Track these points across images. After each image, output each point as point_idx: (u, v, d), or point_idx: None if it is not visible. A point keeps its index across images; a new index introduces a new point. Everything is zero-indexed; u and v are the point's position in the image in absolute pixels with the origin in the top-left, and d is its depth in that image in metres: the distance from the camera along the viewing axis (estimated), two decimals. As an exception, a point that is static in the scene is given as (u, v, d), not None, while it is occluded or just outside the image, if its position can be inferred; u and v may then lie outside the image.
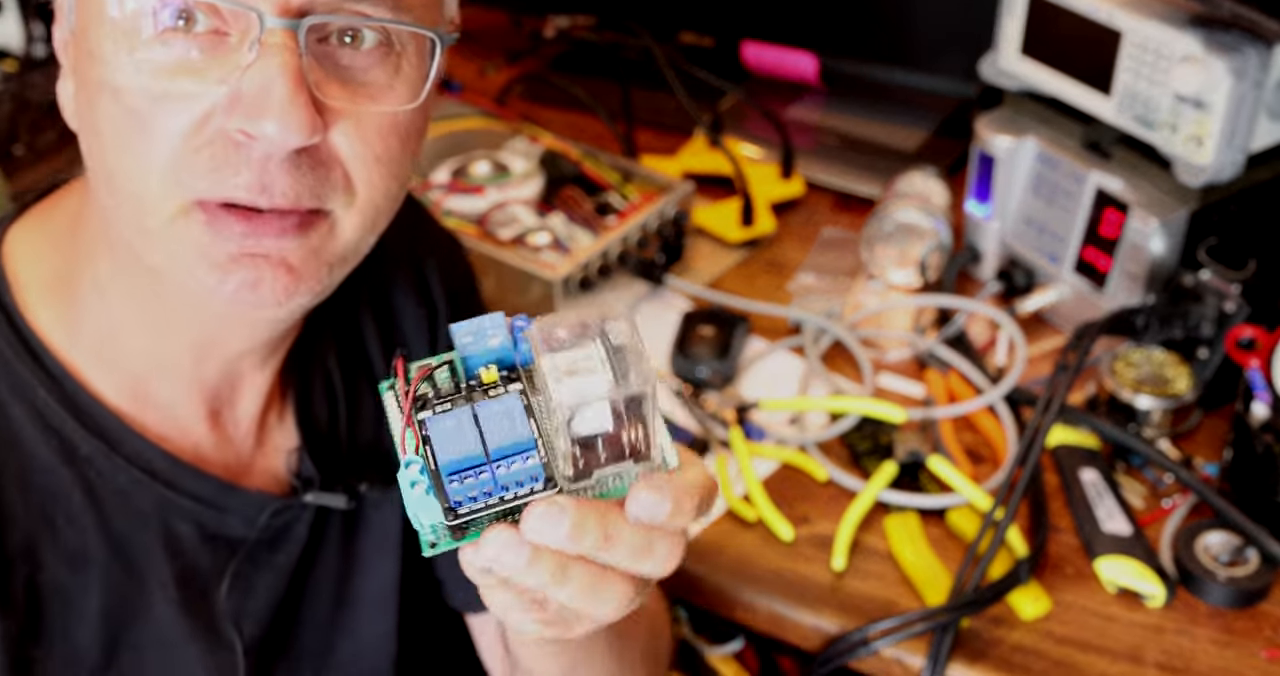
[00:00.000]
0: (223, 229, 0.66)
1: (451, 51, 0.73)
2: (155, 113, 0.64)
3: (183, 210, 0.66)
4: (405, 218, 0.95)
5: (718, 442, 1.14)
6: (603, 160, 1.35)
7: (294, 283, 0.68)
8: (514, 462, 0.55)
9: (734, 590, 1.03)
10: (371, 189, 0.69)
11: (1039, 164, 1.22)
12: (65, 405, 0.75)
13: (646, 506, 0.56)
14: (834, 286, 1.30)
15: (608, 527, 0.56)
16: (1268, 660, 0.95)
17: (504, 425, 0.55)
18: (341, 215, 0.69)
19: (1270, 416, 0.99)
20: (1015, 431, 1.12)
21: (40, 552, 0.74)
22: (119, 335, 0.76)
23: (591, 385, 0.54)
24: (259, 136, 0.63)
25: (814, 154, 1.51)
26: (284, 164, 0.65)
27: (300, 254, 0.68)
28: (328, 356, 0.87)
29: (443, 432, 0.55)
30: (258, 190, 0.65)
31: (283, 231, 0.67)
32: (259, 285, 0.67)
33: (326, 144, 0.66)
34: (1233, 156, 1.08)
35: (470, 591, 0.96)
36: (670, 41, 1.61)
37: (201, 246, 0.67)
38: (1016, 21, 1.19)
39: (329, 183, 0.67)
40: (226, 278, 0.67)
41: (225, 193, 0.65)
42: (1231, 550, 1.00)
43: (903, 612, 0.97)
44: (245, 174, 0.65)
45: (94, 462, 0.75)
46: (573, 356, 0.54)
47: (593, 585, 0.57)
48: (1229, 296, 1.10)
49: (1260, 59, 1.04)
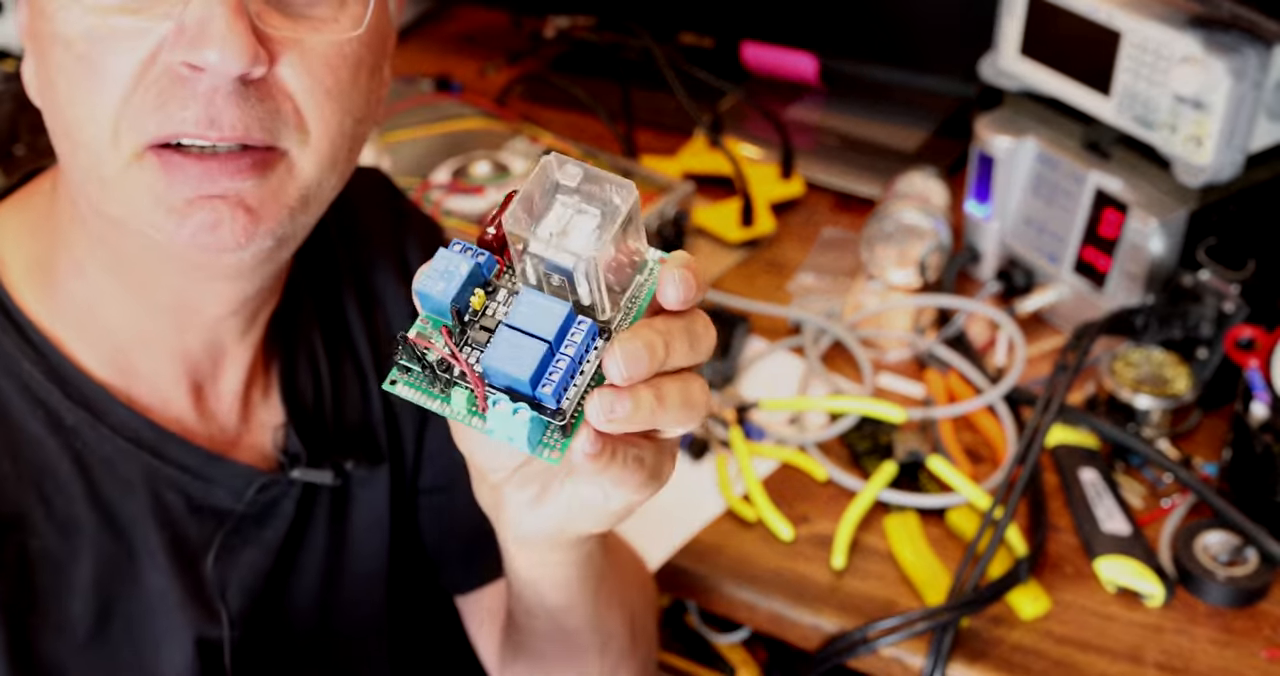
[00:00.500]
0: (177, 172, 0.67)
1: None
2: (103, 55, 0.65)
3: (136, 155, 0.67)
4: (384, 201, 0.96)
5: (718, 442, 1.14)
6: (603, 160, 1.35)
7: (253, 223, 0.69)
8: (574, 334, 0.56)
9: (734, 589, 1.03)
10: (324, 124, 0.70)
11: (1038, 164, 1.22)
12: (50, 377, 0.76)
13: (680, 290, 0.57)
14: (834, 286, 1.30)
15: (664, 334, 0.57)
16: (1267, 659, 0.95)
17: (540, 313, 0.56)
18: (297, 154, 0.70)
19: (1269, 416, 0.99)
20: (1015, 431, 1.12)
21: (31, 520, 0.75)
22: (100, 310, 0.77)
23: (582, 236, 0.55)
24: (203, 66, 0.64)
25: (814, 154, 1.51)
26: (231, 96, 0.66)
27: (258, 194, 0.69)
28: (313, 336, 0.88)
29: (501, 359, 0.55)
30: (206, 124, 0.66)
31: (238, 171, 0.67)
32: (218, 226, 0.68)
33: (274, 77, 0.67)
34: (1232, 157, 1.08)
35: (464, 572, 0.98)
36: (670, 42, 1.61)
37: (157, 192, 0.68)
38: (1016, 22, 1.19)
39: (279, 116, 0.68)
40: (184, 221, 0.68)
41: (173, 128, 0.66)
42: (1231, 550, 1.00)
43: (902, 612, 0.97)
44: (192, 108, 0.66)
45: (80, 433, 0.76)
46: (552, 220, 0.55)
47: (682, 390, 0.58)
48: (1228, 296, 1.10)
49: (1259, 59, 1.04)
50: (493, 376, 0.56)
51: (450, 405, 0.58)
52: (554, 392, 0.55)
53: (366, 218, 0.93)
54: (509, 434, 0.56)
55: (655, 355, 0.56)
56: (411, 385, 0.59)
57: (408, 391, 0.59)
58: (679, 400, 0.58)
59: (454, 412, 0.58)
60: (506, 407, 0.55)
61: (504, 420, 0.56)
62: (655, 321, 0.57)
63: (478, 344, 0.57)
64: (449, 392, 0.58)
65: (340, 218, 0.90)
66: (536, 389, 0.55)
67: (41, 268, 0.77)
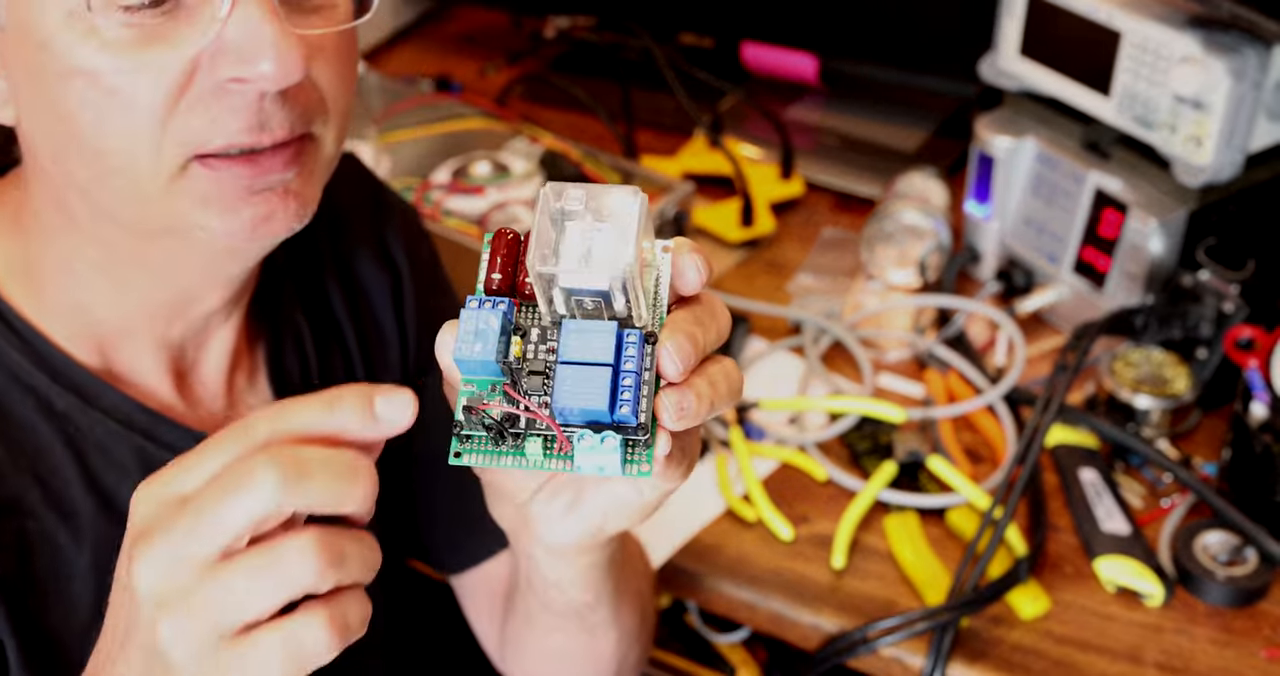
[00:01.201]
0: (227, 176, 0.68)
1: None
2: (135, 86, 0.65)
3: (181, 169, 0.68)
4: (360, 186, 0.97)
5: (718, 442, 1.14)
6: (603, 161, 1.35)
7: (301, 207, 0.71)
8: (628, 349, 0.56)
9: (734, 589, 1.03)
10: (341, 103, 0.72)
11: (1038, 164, 1.22)
12: (37, 364, 0.76)
13: (700, 274, 0.58)
14: (834, 286, 1.30)
15: (697, 322, 0.58)
16: (1267, 659, 0.95)
17: (590, 340, 0.56)
18: (322, 133, 0.72)
19: (1269, 416, 1.00)
20: (1014, 431, 1.13)
21: (28, 503, 0.75)
22: (86, 306, 0.77)
23: (607, 253, 0.55)
24: (253, 79, 0.65)
25: (814, 154, 1.51)
26: (277, 99, 0.67)
27: (300, 180, 0.71)
28: (298, 320, 0.89)
29: (572, 396, 0.55)
30: (257, 130, 0.67)
31: (284, 165, 0.69)
32: (271, 217, 0.70)
33: (307, 77, 0.69)
34: (1231, 157, 1.08)
35: (458, 551, 0.98)
36: (670, 42, 1.61)
37: (209, 196, 0.69)
38: (1016, 22, 1.19)
39: (314, 108, 0.70)
40: (239, 217, 0.69)
41: (224, 140, 0.67)
42: (1230, 549, 1.00)
43: (902, 612, 0.97)
44: (243, 117, 0.67)
45: (71, 417, 0.77)
46: (571, 247, 0.55)
47: (723, 372, 0.59)
48: (1228, 296, 1.10)
49: (1259, 59, 1.04)
50: (568, 416, 0.56)
51: (526, 457, 0.57)
52: (632, 410, 0.55)
53: (345, 204, 0.94)
54: (598, 465, 0.56)
55: (697, 344, 0.57)
56: (479, 451, 0.58)
57: (477, 459, 0.58)
58: (724, 382, 0.59)
59: (532, 463, 0.57)
60: (591, 440, 0.55)
61: (590, 453, 0.55)
62: (684, 313, 0.58)
63: (535, 390, 0.57)
64: (521, 445, 0.57)
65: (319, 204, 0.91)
66: (615, 413, 0.55)
67: (22, 266, 0.77)
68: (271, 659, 0.53)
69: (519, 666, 0.95)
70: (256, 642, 0.53)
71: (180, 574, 0.53)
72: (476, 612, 1.01)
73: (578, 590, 0.77)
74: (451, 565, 1.00)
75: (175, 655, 0.53)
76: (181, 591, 0.53)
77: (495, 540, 0.95)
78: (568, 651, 0.87)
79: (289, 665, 0.54)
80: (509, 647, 0.94)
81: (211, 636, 0.53)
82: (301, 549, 0.54)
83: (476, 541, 0.97)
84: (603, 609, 0.80)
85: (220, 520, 0.53)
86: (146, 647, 0.54)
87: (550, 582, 0.77)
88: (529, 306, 0.58)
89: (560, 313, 0.57)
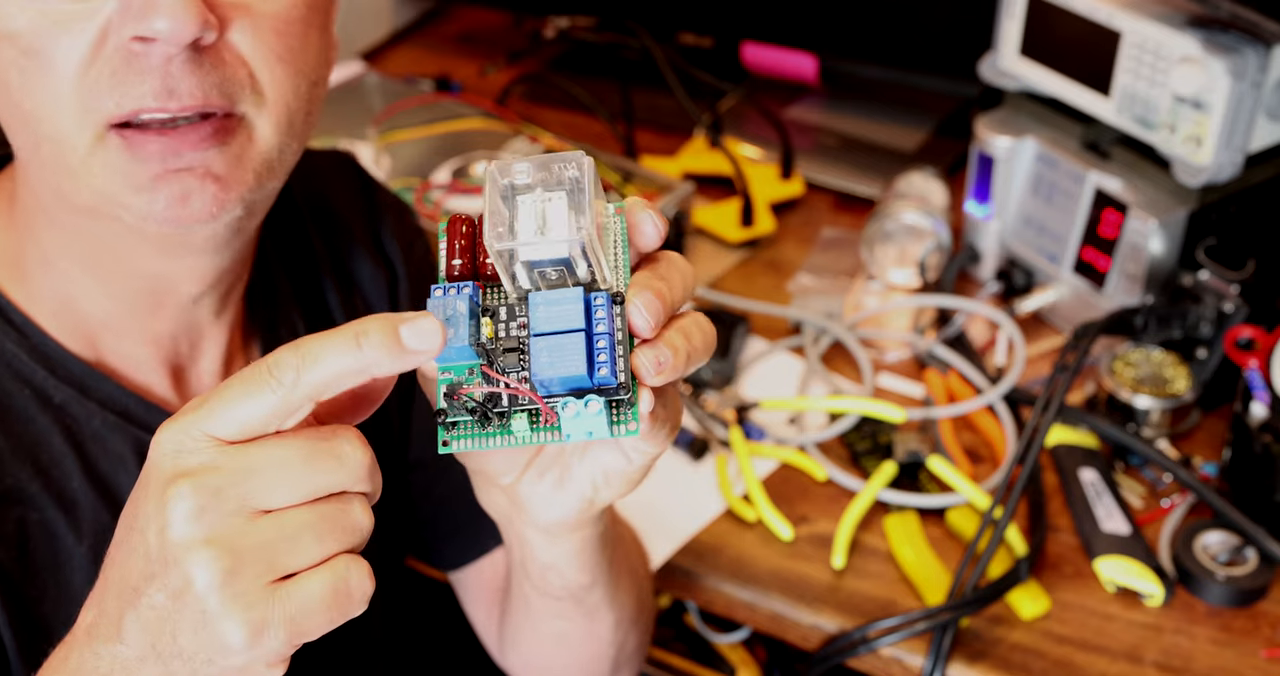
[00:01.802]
0: (140, 149, 0.67)
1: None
2: (52, 44, 0.66)
3: (98, 137, 0.67)
4: (353, 183, 0.97)
5: (718, 442, 1.14)
6: (603, 160, 1.35)
7: (222, 191, 0.69)
8: (597, 312, 0.56)
9: (734, 589, 1.03)
10: (279, 88, 0.71)
11: (1038, 164, 1.22)
12: (33, 356, 0.76)
13: (656, 226, 0.59)
14: (834, 286, 1.30)
15: (662, 277, 0.58)
16: (1266, 659, 0.95)
17: (559, 309, 0.56)
18: (255, 118, 0.71)
19: (1269, 416, 1.00)
20: (1014, 431, 1.13)
21: (29, 494, 0.75)
22: (74, 302, 0.77)
23: (562, 220, 0.55)
24: (154, 37, 0.65)
25: (814, 154, 1.51)
26: (185, 64, 0.66)
27: (223, 161, 0.69)
28: (294, 317, 0.89)
29: (551, 366, 0.55)
30: (165, 95, 0.66)
31: (200, 141, 0.68)
32: (187, 198, 0.68)
33: (226, 43, 0.68)
34: (1231, 157, 1.08)
35: (457, 547, 0.99)
36: (670, 42, 1.61)
37: (124, 173, 0.68)
38: (1016, 22, 1.19)
39: (235, 80, 0.69)
40: (155, 197, 0.68)
41: (133, 104, 0.66)
42: (1230, 549, 1.00)
43: (902, 612, 0.97)
44: (149, 81, 0.66)
45: (68, 409, 0.77)
46: (526, 220, 0.55)
47: (695, 324, 0.59)
48: (1228, 296, 1.10)
49: (1259, 59, 1.04)
50: (549, 386, 0.56)
51: (513, 434, 0.57)
52: (611, 371, 0.56)
53: (338, 201, 0.94)
54: (587, 429, 0.56)
55: (664, 297, 0.57)
56: (466, 436, 0.58)
57: (466, 444, 0.58)
58: (698, 333, 0.59)
59: (520, 439, 0.57)
60: (575, 407, 0.56)
61: (577, 420, 0.56)
62: (646, 270, 0.59)
63: (513, 367, 0.57)
64: (507, 423, 0.57)
65: (312, 201, 0.91)
66: (594, 376, 0.56)
67: (11, 261, 0.78)
68: (319, 601, 0.53)
69: (519, 657, 0.95)
70: (303, 585, 0.53)
71: (231, 519, 0.53)
72: (475, 608, 1.01)
73: (574, 570, 0.77)
74: (449, 562, 1.00)
75: (213, 600, 0.52)
76: (230, 534, 0.52)
77: (491, 536, 0.96)
78: (567, 635, 0.87)
79: (334, 609, 0.54)
80: (508, 639, 0.94)
81: (260, 581, 0.53)
82: (361, 509, 0.56)
83: (473, 538, 0.97)
84: (599, 589, 0.81)
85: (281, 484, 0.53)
86: (176, 592, 0.53)
87: (546, 565, 0.77)
88: (493, 286, 0.58)
89: (525, 287, 0.57)
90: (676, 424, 0.63)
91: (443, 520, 0.98)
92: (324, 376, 0.53)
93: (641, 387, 0.57)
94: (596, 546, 0.76)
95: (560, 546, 0.74)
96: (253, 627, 0.52)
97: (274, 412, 0.53)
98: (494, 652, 1.00)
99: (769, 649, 1.21)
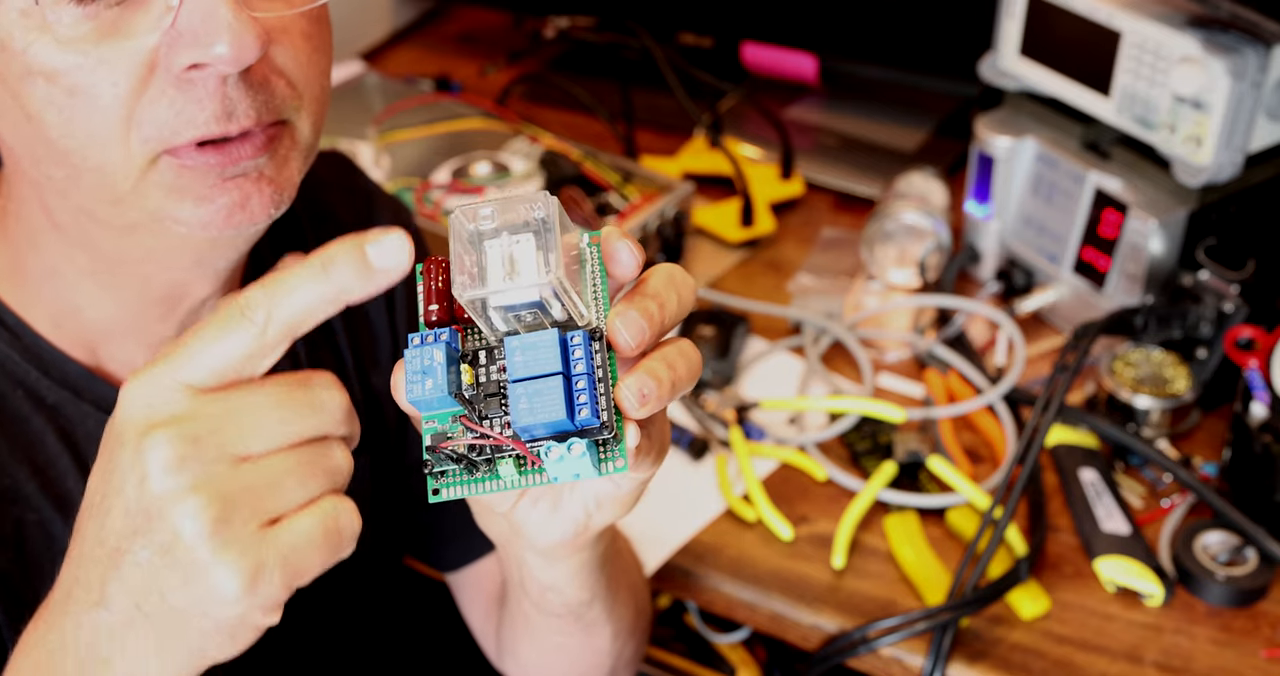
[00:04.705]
0: (198, 167, 0.67)
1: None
2: (96, 82, 0.65)
3: (151, 163, 0.67)
4: (349, 183, 0.97)
5: (717, 442, 1.14)
6: (603, 160, 1.35)
7: (276, 192, 0.70)
8: (574, 351, 0.56)
9: (734, 590, 1.03)
10: (313, 87, 0.71)
11: (1038, 164, 1.22)
12: (26, 357, 0.76)
13: (632, 253, 0.58)
14: (834, 286, 1.30)
15: (651, 297, 0.58)
16: (1266, 659, 0.95)
17: (535, 353, 0.55)
18: (296, 119, 0.71)
19: (1269, 416, 1.00)
20: (1014, 431, 1.13)
21: (25, 494, 0.75)
22: (78, 310, 0.77)
23: (530, 264, 0.54)
24: (211, 63, 0.64)
25: (814, 154, 1.51)
26: (239, 86, 0.66)
27: (274, 165, 0.70)
28: None
29: (530, 413, 0.55)
30: (225, 118, 0.66)
31: (254, 151, 0.68)
32: (247, 202, 0.69)
33: (268, 59, 0.68)
34: (1231, 157, 1.08)
35: (454, 549, 0.99)
36: (670, 42, 1.61)
37: (180, 189, 0.68)
38: (1016, 22, 1.19)
39: (280, 94, 0.69)
40: (213, 205, 0.68)
41: (192, 132, 0.66)
42: (1230, 549, 1.00)
43: (902, 612, 0.97)
44: (209, 106, 0.66)
45: (62, 410, 0.77)
46: (494, 266, 0.55)
47: (682, 353, 0.59)
48: (1228, 296, 1.10)
49: (1259, 59, 1.04)
50: (531, 432, 0.56)
51: (501, 479, 0.57)
52: (592, 412, 0.55)
53: (334, 201, 0.94)
54: (573, 471, 0.56)
55: (651, 314, 0.56)
56: (456, 483, 0.58)
57: (456, 491, 0.58)
58: (682, 362, 0.58)
59: (508, 483, 0.57)
60: (559, 450, 0.55)
61: (562, 463, 0.55)
62: (635, 289, 0.58)
63: (495, 412, 0.57)
64: (494, 469, 0.57)
65: (307, 202, 0.91)
66: (576, 418, 0.55)
67: (10, 269, 0.77)
68: (311, 540, 0.53)
69: (516, 664, 0.95)
70: (293, 526, 0.53)
71: (214, 465, 0.52)
72: (472, 610, 1.01)
73: (573, 590, 0.77)
74: (448, 564, 1.01)
75: (204, 550, 0.51)
76: (214, 482, 0.52)
77: (487, 540, 0.96)
78: (565, 648, 0.87)
79: (326, 548, 0.53)
80: (506, 647, 0.95)
81: (249, 526, 0.52)
82: (341, 452, 0.55)
83: (472, 541, 0.97)
84: (598, 605, 0.81)
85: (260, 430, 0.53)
86: (164, 546, 0.52)
87: (546, 586, 0.77)
88: (473, 329, 0.58)
89: (502, 330, 0.56)
90: (665, 446, 0.63)
91: (441, 523, 0.98)
92: (296, 308, 0.52)
93: (627, 422, 0.56)
94: (596, 566, 0.76)
95: (559, 568, 0.74)
96: (248, 573, 0.51)
97: (249, 354, 0.53)
98: (491, 655, 1.00)
99: (769, 649, 1.21)
